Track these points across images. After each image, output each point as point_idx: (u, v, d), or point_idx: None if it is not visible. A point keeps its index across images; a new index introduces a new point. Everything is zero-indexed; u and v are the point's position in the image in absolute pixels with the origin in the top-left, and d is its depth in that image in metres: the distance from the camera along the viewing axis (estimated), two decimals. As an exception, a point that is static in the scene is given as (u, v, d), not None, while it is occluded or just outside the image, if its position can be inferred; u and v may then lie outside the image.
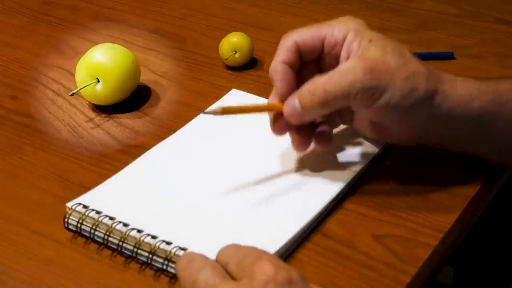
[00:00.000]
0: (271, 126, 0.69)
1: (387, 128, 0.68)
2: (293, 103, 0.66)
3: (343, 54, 0.68)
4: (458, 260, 1.17)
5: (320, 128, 0.70)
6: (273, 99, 0.69)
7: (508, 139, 0.68)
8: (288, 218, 0.66)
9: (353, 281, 0.61)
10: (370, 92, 0.64)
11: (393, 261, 0.63)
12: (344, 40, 0.68)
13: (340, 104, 0.66)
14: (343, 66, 0.66)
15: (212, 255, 0.57)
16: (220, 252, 0.57)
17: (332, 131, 0.71)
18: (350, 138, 0.75)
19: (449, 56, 0.90)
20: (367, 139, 0.74)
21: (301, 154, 0.72)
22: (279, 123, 0.68)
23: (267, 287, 0.51)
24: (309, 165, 0.72)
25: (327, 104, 0.65)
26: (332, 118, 0.71)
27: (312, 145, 0.70)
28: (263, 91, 0.84)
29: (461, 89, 0.66)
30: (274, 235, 0.63)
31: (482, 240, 1.10)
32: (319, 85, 0.65)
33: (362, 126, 0.70)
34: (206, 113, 0.66)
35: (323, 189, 0.68)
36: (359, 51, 0.66)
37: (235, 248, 0.57)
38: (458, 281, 1.20)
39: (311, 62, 0.70)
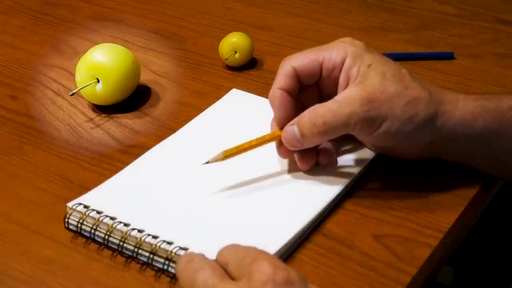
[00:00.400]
0: (277, 151, 0.70)
1: (389, 149, 0.69)
2: (292, 131, 0.67)
3: (341, 79, 0.68)
4: (458, 260, 1.17)
5: (322, 146, 0.71)
6: (274, 125, 0.70)
7: (510, 156, 0.68)
8: (288, 219, 0.66)
9: (353, 281, 0.61)
10: (369, 123, 0.65)
11: (393, 261, 0.63)
12: (342, 64, 0.68)
13: (339, 133, 0.67)
14: (341, 96, 0.66)
15: (213, 255, 0.57)
16: (220, 252, 0.57)
17: (333, 146, 0.71)
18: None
19: (449, 56, 0.90)
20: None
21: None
22: (284, 148, 0.69)
23: (265, 287, 0.51)
24: (309, 165, 0.72)
25: (326, 134, 0.66)
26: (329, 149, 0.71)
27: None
28: (263, 91, 0.84)
29: (463, 109, 0.66)
30: (274, 235, 0.63)
31: (482, 240, 1.10)
32: (319, 115, 0.66)
33: (365, 144, 0.71)
34: (208, 163, 0.68)
35: (323, 190, 0.68)
36: (358, 77, 0.66)
37: (234, 248, 0.57)
38: (458, 281, 1.20)
39: (312, 85, 0.70)
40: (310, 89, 0.70)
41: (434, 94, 0.66)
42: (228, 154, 0.68)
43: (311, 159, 0.70)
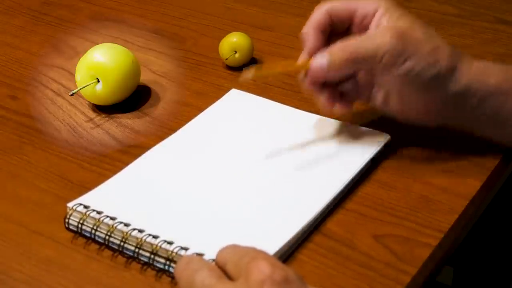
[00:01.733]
0: (301, 83, 0.72)
1: (405, 102, 0.71)
2: (321, 58, 0.70)
3: (372, 27, 0.71)
4: (458, 260, 1.17)
5: (343, 90, 0.73)
6: (302, 58, 0.73)
7: None
8: (288, 218, 0.66)
9: (353, 281, 0.61)
10: (396, 54, 0.68)
11: (393, 261, 0.63)
12: (374, 14, 0.71)
13: (366, 64, 0.69)
14: (372, 31, 0.71)
15: (213, 255, 0.57)
16: (219, 253, 0.57)
17: (354, 96, 0.73)
18: (350, 138, 0.75)
19: None
20: (368, 139, 0.74)
21: (301, 153, 0.73)
22: (309, 79, 0.72)
23: (263, 286, 0.51)
24: (308, 165, 0.72)
25: (354, 62, 0.69)
26: (350, 94, 0.73)
27: (315, 141, 0.71)
28: (263, 91, 0.84)
29: (478, 67, 0.70)
30: (275, 235, 0.63)
31: (482, 240, 1.10)
32: (349, 43, 0.70)
33: (379, 100, 0.72)
34: (241, 81, 0.72)
35: (323, 189, 0.68)
36: (389, 23, 0.70)
37: (233, 248, 0.57)
38: (458, 281, 1.20)
39: (341, 34, 0.73)
40: (340, 37, 0.72)
41: (456, 50, 0.70)
42: (258, 72, 0.71)
43: (332, 100, 0.72)
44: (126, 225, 0.64)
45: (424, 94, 0.69)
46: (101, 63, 0.81)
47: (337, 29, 0.73)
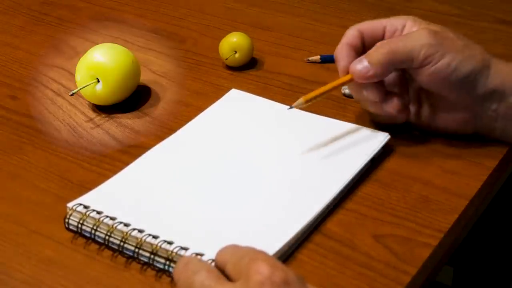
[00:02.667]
0: (359, 96, 0.75)
1: (440, 107, 0.73)
2: (360, 60, 0.72)
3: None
4: (458, 260, 1.17)
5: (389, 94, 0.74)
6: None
7: None
8: (288, 218, 0.66)
9: (353, 281, 0.61)
10: (433, 49, 0.70)
11: (393, 261, 0.63)
12: (403, 28, 0.74)
13: (404, 63, 0.71)
14: (408, 32, 0.73)
15: (213, 255, 0.57)
16: (219, 253, 0.57)
17: (402, 101, 0.74)
18: (350, 138, 0.75)
19: None
20: (367, 139, 0.74)
21: (301, 153, 0.73)
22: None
23: (262, 287, 0.51)
24: (309, 165, 0.72)
25: (393, 60, 0.71)
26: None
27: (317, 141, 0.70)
28: (263, 91, 0.84)
29: (508, 66, 0.72)
30: (275, 235, 0.63)
31: (482, 240, 1.10)
32: (387, 41, 0.72)
33: (412, 112, 0.75)
34: (292, 107, 0.72)
35: (323, 189, 0.68)
36: (421, 26, 0.73)
37: (233, 248, 0.57)
38: (458, 281, 1.20)
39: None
40: None
41: (485, 51, 0.73)
42: (308, 99, 0.72)
43: (379, 101, 0.73)
44: (126, 225, 0.64)
45: (458, 91, 0.71)
46: (101, 63, 0.81)
47: (369, 44, 0.74)
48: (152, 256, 0.62)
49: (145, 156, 0.74)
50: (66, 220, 0.66)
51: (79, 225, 0.66)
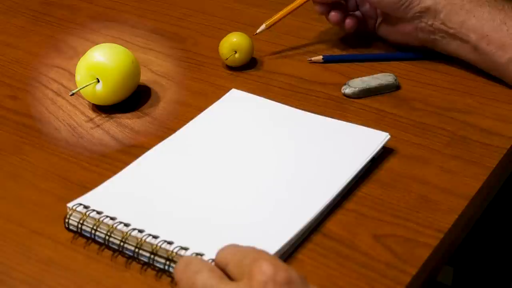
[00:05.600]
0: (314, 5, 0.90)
1: (388, 20, 0.88)
2: None
3: None
4: (458, 260, 1.17)
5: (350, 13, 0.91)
6: None
7: None
8: (288, 218, 0.66)
9: (353, 281, 0.61)
10: None
11: (393, 261, 0.63)
12: None
13: None
14: None
15: (213, 255, 0.57)
16: (219, 253, 0.57)
17: (357, 20, 0.90)
18: (350, 138, 0.75)
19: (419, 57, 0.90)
20: (368, 139, 0.74)
21: (301, 153, 0.73)
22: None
23: (266, 287, 0.51)
24: (309, 165, 0.72)
25: None
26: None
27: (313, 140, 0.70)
28: (263, 91, 0.84)
29: None
30: (274, 235, 0.63)
31: (482, 240, 1.10)
32: None
33: (371, 26, 0.92)
34: (256, 34, 0.87)
35: (323, 189, 0.68)
36: None
37: (234, 248, 0.57)
38: (458, 281, 1.20)
39: None
40: None
41: None
42: (269, 23, 0.87)
43: (341, 14, 0.90)
44: (126, 225, 0.64)
45: (397, 10, 0.85)
46: (101, 63, 0.81)
47: None
48: (152, 256, 0.62)
49: (145, 156, 0.74)
50: (66, 220, 0.66)
51: (79, 225, 0.66)
